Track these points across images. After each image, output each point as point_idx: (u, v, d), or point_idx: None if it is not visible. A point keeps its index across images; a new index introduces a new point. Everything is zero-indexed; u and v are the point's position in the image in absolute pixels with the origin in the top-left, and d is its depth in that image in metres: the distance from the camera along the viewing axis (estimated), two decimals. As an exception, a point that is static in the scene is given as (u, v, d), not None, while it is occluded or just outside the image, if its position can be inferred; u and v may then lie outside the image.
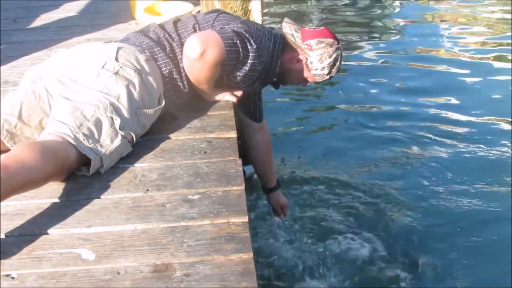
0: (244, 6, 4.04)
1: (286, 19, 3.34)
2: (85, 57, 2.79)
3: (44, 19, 4.83)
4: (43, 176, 2.30)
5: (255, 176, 3.98)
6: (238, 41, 2.90)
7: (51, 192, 2.42)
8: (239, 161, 2.64)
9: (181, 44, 2.96)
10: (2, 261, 2.06)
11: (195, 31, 3.01)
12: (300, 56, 3.24)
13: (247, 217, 2.24)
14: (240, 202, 2.34)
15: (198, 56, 2.80)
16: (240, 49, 2.92)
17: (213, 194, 2.39)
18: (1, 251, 2.10)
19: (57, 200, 2.39)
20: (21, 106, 2.68)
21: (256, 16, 4.06)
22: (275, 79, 3.38)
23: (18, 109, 2.67)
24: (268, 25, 3.94)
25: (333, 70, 3.25)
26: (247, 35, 2.96)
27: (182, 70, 2.97)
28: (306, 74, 3.30)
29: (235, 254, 2.05)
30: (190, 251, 2.07)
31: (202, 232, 2.16)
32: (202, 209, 2.30)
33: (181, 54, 2.94)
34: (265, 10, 9.54)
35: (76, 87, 2.65)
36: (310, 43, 3.19)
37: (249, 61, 2.98)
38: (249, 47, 2.95)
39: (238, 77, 3.07)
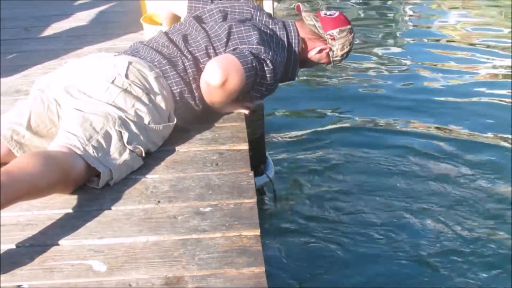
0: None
1: (302, 8, 3.37)
2: (94, 69, 2.79)
3: (55, 28, 4.84)
4: (47, 184, 2.29)
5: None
6: (256, 64, 2.91)
7: (62, 203, 2.42)
8: (251, 174, 2.63)
9: (194, 65, 2.95)
10: (14, 271, 2.05)
11: (207, 53, 2.99)
12: (323, 46, 3.31)
13: (259, 230, 2.23)
14: (252, 215, 2.33)
15: (220, 84, 2.80)
16: (258, 71, 2.93)
17: (225, 207, 2.38)
18: (13, 261, 2.10)
19: (68, 210, 2.38)
20: (30, 115, 2.68)
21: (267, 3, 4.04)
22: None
23: (27, 119, 2.67)
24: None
25: (349, 54, 3.38)
26: (263, 56, 2.95)
27: (194, 91, 2.95)
28: (324, 60, 3.39)
29: (247, 267, 2.04)
30: (202, 264, 2.06)
31: (214, 245, 2.15)
32: (214, 221, 2.29)
33: (193, 74, 2.94)
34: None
35: (84, 99, 2.65)
36: (333, 33, 3.27)
37: (265, 81, 3.00)
38: (265, 68, 2.96)
39: (253, 95, 3.09)
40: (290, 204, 4.57)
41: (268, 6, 4.08)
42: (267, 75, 2.98)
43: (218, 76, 2.78)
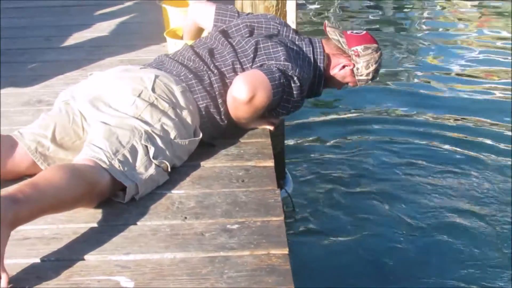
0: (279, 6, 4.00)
1: (328, 24, 3.36)
2: (121, 82, 2.77)
3: (76, 38, 4.83)
4: (72, 197, 2.27)
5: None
6: (283, 80, 2.89)
7: (87, 217, 2.39)
8: (278, 191, 2.60)
9: (220, 80, 2.94)
10: (40, 286, 2.03)
11: (234, 68, 2.97)
12: (347, 62, 3.27)
13: (287, 249, 2.20)
14: (280, 233, 2.30)
15: (247, 100, 2.78)
16: (285, 88, 2.91)
17: (252, 224, 2.35)
18: (38, 275, 2.08)
19: (93, 225, 2.36)
20: (55, 128, 2.67)
21: (290, 16, 4.01)
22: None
23: (52, 131, 2.66)
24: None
25: (376, 75, 3.32)
26: (290, 72, 2.94)
27: (220, 106, 2.93)
28: (349, 79, 3.34)
29: (276, 287, 2.01)
30: (231, 282, 2.03)
31: (242, 263, 2.12)
32: (241, 239, 2.26)
33: (219, 89, 2.92)
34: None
35: (110, 112, 2.63)
36: (357, 50, 3.23)
37: (292, 98, 2.99)
38: (292, 85, 2.94)
39: (279, 111, 3.07)
40: (309, 219, 4.54)
41: (291, 21, 4.06)
42: (294, 92, 2.96)
43: (245, 92, 2.76)
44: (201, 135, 2.84)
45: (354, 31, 3.32)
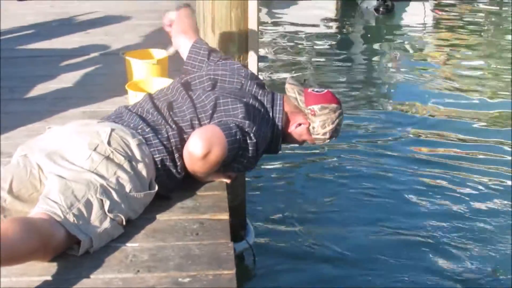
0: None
1: (289, 80, 3.38)
2: (77, 136, 2.81)
3: (40, 89, 4.83)
4: (26, 251, 2.29)
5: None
6: (240, 137, 2.92)
7: (41, 270, 2.41)
8: (231, 244, 2.63)
9: (178, 135, 2.97)
10: None
11: (192, 125, 3.01)
12: (303, 120, 3.26)
13: (238, 303, 2.24)
14: (231, 286, 2.33)
15: (202, 156, 2.82)
16: (241, 144, 2.94)
17: (203, 278, 2.38)
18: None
19: (47, 278, 2.38)
20: (12, 180, 2.69)
21: (252, 68, 4.07)
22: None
23: (9, 183, 2.68)
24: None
25: (335, 134, 3.29)
26: (247, 129, 2.97)
27: (177, 160, 2.96)
28: (306, 137, 3.31)
29: None
30: (180, 336, 2.06)
31: (192, 317, 2.16)
32: (192, 293, 2.29)
33: (176, 143, 2.96)
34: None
35: (67, 165, 2.66)
36: (314, 109, 3.21)
37: (247, 154, 3.02)
38: (248, 141, 2.97)
39: (235, 166, 3.11)
40: (271, 269, 4.57)
41: (253, 66, 4.11)
42: (250, 148, 2.99)
43: (201, 148, 2.80)
44: (156, 188, 2.87)
45: (316, 89, 3.31)
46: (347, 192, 5.89)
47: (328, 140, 3.30)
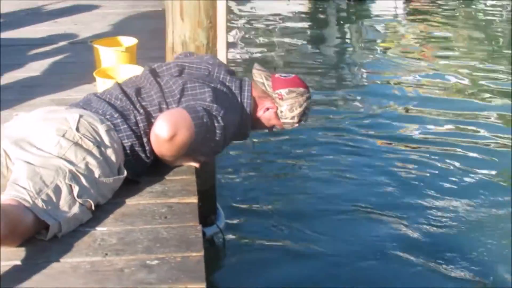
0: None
1: (256, 66, 3.40)
2: (45, 122, 2.80)
3: (8, 78, 4.79)
4: None
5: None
6: (207, 120, 2.94)
7: (10, 255, 2.40)
8: (199, 227, 2.65)
9: (146, 119, 2.98)
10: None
11: (160, 108, 3.02)
12: (270, 105, 3.28)
13: (205, 284, 2.25)
14: (199, 269, 2.35)
15: (168, 138, 2.83)
16: (208, 127, 2.96)
17: (172, 260, 2.40)
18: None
19: (16, 262, 2.38)
20: None
21: (221, 55, 4.06)
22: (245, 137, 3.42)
23: None
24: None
25: (303, 118, 3.31)
26: (214, 113, 2.99)
27: (145, 144, 2.98)
28: (274, 122, 3.33)
29: (192, 321, 2.06)
30: (148, 317, 2.08)
31: (160, 299, 2.17)
32: (160, 274, 2.30)
33: (144, 128, 2.97)
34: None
35: (35, 151, 2.65)
36: (281, 93, 3.24)
37: (215, 138, 3.03)
38: (216, 124, 2.99)
39: (203, 150, 3.12)
40: (241, 253, 4.59)
41: (222, 52, 4.11)
42: (217, 132, 3.01)
43: (167, 130, 2.81)
44: (125, 173, 2.88)
45: (283, 75, 3.34)
46: (319, 174, 5.90)
47: (297, 124, 3.32)
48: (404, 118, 7.33)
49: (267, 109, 3.29)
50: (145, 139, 2.97)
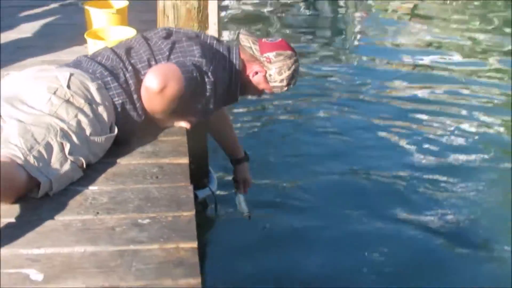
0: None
1: (242, 31, 3.39)
2: (36, 80, 2.80)
3: (-1, 39, 4.80)
4: None
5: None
6: (196, 74, 2.95)
7: (2, 213, 2.40)
8: (190, 187, 2.66)
9: (135, 76, 2.98)
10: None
11: (149, 64, 3.02)
12: (259, 69, 3.27)
13: (196, 243, 2.27)
14: (190, 228, 2.37)
15: (158, 90, 2.83)
16: (198, 81, 2.97)
17: (163, 219, 2.42)
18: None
19: (9, 220, 2.39)
20: None
21: (212, 18, 4.04)
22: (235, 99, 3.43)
23: None
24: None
25: (292, 81, 3.31)
26: (204, 68, 3.00)
27: (136, 101, 2.98)
28: (264, 85, 3.33)
29: (183, 279, 2.08)
30: (139, 274, 2.09)
31: (151, 257, 2.19)
32: (151, 233, 2.32)
33: (135, 85, 2.97)
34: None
35: (26, 109, 2.65)
36: (269, 56, 3.24)
37: (206, 93, 3.05)
38: (206, 79, 3.00)
39: (193, 108, 3.12)
40: (233, 218, 4.60)
41: (213, 22, 4.09)
42: (208, 87, 3.02)
43: (157, 82, 2.82)
44: (116, 131, 2.89)
45: (270, 39, 3.34)
46: (314, 143, 5.87)
47: (286, 88, 3.32)
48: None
49: (256, 73, 3.29)
50: (135, 96, 2.97)
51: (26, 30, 5.06)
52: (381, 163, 5.47)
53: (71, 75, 2.81)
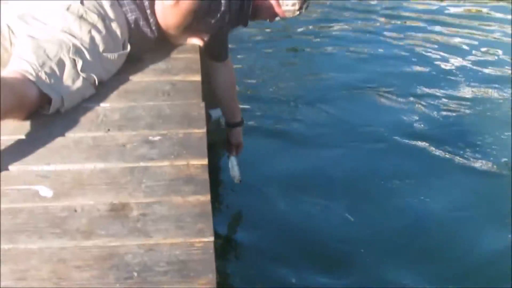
0: None
1: None
2: None
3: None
4: (1, 109, 2.29)
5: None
6: None
7: (13, 129, 2.41)
8: (202, 104, 2.64)
9: None
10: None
11: None
12: None
13: (207, 160, 2.26)
14: (201, 145, 2.35)
15: (174, 3, 2.80)
16: None
17: (174, 136, 2.40)
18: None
19: (19, 136, 2.38)
20: None
21: None
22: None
23: None
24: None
25: (303, 6, 3.28)
26: None
27: (149, 17, 2.94)
28: (276, 9, 3.30)
29: (192, 195, 2.07)
30: (148, 191, 2.09)
31: (161, 173, 2.18)
32: (162, 150, 2.31)
33: (149, 1, 2.92)
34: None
35: (39, 26, 2.63)
36: None
37: (221, 7, 3.01)
38: None
39: (208, 24, 3.08)
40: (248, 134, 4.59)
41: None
42: (222, 2, 3.00)
43: None
44: (129, 48, 2.86)
45: None
46: (330, 85, 5.88)
47: (298, 12, 3.30)
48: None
49: None
50: (148, 11, 2.93)
51: None
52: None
53: None
